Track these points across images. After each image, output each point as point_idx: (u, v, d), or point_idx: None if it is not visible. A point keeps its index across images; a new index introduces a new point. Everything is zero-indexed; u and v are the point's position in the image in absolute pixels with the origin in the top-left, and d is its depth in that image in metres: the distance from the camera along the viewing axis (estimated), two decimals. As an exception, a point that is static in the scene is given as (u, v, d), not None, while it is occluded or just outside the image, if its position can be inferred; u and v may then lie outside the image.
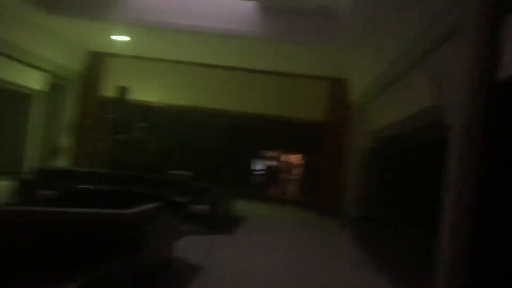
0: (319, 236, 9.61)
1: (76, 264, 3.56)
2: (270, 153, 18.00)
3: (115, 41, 12.92)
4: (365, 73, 11.95)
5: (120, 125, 12.70)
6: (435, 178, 8.38)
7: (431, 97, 6.46)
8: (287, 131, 15.85)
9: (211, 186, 9.59)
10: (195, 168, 13.21)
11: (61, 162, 13.35)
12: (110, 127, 14.16)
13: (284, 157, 20.09)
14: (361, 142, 12.92)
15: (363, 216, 12.16)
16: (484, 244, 4.52)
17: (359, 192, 12.85)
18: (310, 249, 7.82)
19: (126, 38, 12.62)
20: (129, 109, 13.73)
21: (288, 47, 12.06)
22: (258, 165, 17.86)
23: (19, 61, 11.73)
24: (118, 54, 14.56)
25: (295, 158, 20.23)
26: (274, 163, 19.88)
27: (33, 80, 12.56)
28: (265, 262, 6.49)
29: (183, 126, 14.83)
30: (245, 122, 15.56)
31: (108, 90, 14.05)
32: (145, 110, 14.09)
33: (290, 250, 7.65)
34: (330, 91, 14.88)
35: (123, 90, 11.58)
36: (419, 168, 8.99)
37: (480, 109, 4.46)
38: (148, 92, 14.32)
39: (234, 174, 15.90)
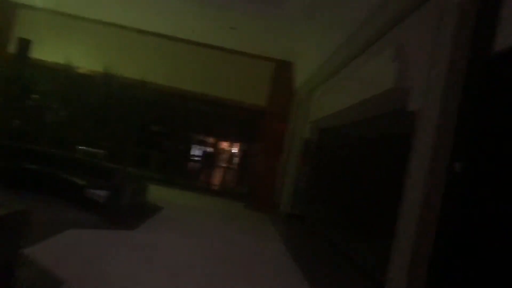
0: (240, 233, 8.28)
1: None
2: (206, 139, 16.44)
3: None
4: (312, 56, 10.72)
5: (16, 86, 10.59)
6: (379, 177, 7.35)
7: (392, 79, 5.25)
8: (226, 115, 14.42)
9: (121, 168, 7.95)
10: (113, 147, 11.44)
11: None
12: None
13: (221, 144, 18.67)
14: (301, 133, 11.74)
15: (293, 213, 11.03)
16: (446, 258, 3.37)
17: (294, 187, 11.71)
18: (220, 255, 6.44)
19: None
20: (32, 68, 11.57)
21: (233, 17, 10.55)
22: (192, 151, 16.28)
23: None
24: (27, 5, 12.40)
25: (232, 146, 18.91)
26: (210, 149, 18.43)
27: None
28: (155, 276, 5.03)
29: (101, 96, 12.92)
30: (178, 100, 13.90)
31: (11, 45, 11.89)
32: (52, 73, 11.97)
33: (198, 254, 6.24)
34: (274, 74, 13.55)
35: (25, 44, 9.41)
36: (362, 164, 7.89)
37: (457, 92, 3.25)
38: (59, 52, 12.23)
39: (163, 158, 14.28)
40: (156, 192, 11.14)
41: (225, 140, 16.87)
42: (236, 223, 9.58)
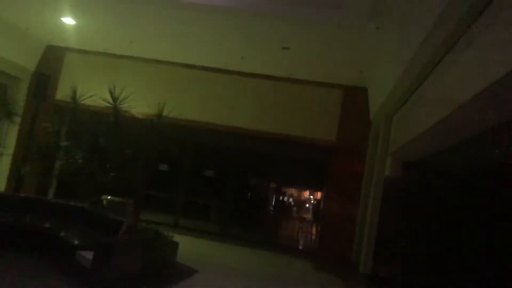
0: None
1: None
2: (270, 184, 14.34)
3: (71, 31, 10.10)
4: (388, 70, 8.44)
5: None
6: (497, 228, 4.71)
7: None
8: (289, 155, 12.30)
9: (125, 221, 5.99)
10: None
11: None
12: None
13: (290, 191, 16.45)
14: (381, 171, 9.21)
15: (375, 276, 8.34)
16: None
17: (375, 241, 9.05)
18: None
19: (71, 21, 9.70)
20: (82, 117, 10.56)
21: (288, 33, 8.73)
22: (256, 198, 14.25)
23: None
24: (76, 49, 11.73)
25: (301, 192, 16.65)
26: (281, 197, 16.28)
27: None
28: None
29: (149, 140, 11.56)
30: (233, 141, 12.13)
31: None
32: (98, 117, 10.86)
33: None
34: (344, 103, 11.33)
35: (42, 79, 8.18)
36: (468, 211, 5.28)
37: None
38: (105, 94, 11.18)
39: (223, 208, 12.38)
40: (201, 249, 9.22)
41: (291, 186, 14.64)
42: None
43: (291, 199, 16.57)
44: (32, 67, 11.48)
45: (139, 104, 11.01)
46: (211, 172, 12.23)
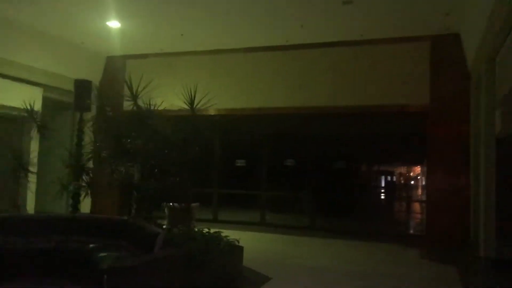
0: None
1: None
2: (362, 165, 12.80)
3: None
4: (478, 10, 6.59)
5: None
6: None
7: None
8: (377, 130, 10.72)
9: (161, 233, 5.04)
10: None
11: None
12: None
13: (392, 170, 14.70)
14: (490, 127, 7.28)
15: (502, 259, 6.53)
16: None
17: (497, 216, 7.18)
18: None
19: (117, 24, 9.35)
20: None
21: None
22: (354, 185, 12.82)
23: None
24: (135, 54, 11.48)
25: (405, 171, 14.80)
26: (382, 178, 14.62)
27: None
28: None
29: (219, 136, 10.83)
30: (311, 124, 10.92)
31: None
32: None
33: None
34: (432, 57, 9.44)
35: (83, 85, 7.63)
36: None
37: None
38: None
39: (311, 199, 11.21)
40: (284, 247, 8.24)
41: (387, 164, 12.92)
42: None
43: (391, 179, 14.81)
44: (97, 81, 11.48)
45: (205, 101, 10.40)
46: (292, 161, 11.13)
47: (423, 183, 10.73)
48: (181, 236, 5.51)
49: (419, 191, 15.07)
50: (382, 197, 13.74)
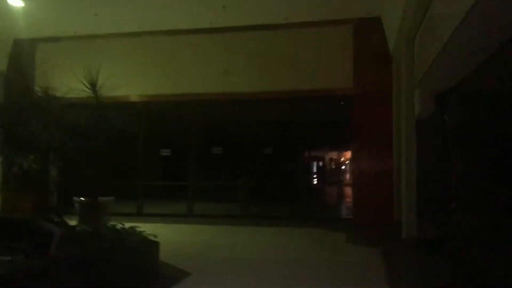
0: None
1: None
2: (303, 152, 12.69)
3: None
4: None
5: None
6: None
7: None
8: (303, 115, 10.59)
9: (56, 230, 4.50)
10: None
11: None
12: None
13: (321, 155, 14.85)
14: (410, 109, 7.37)
15: (424, 240, 6.64)
16: None
17: (419, 198, 7.31)
18: None
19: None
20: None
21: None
22: (284, 171, 12.64)
23: None
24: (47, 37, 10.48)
25: (334, 155, 14.99)
26: (312, 164, 14.70)
27: None
28: None
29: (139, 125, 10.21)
30: (238, 110, 10.63)
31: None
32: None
33: None
34: (355, 41, 9.46)
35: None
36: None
37: None
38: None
39: (242, 186, 10.91)
40: (211, 238, 7.92)
41: (315, 149, 12.95)
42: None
43: (322, 164, 14.95)
44: (3, 67, 10.34)
45: (122, 86, 9.70)
46: (220, 149, 10.75)
47: (350, 166, 10.84)
48: (86, 234, 4.96)
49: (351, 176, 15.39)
50: (314, 182, 13.75)
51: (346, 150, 13.72)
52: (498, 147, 4.23)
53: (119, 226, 5.84)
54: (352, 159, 9.87)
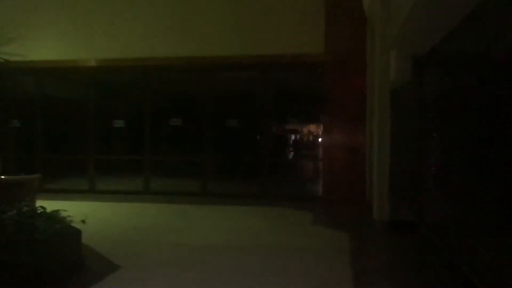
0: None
1: None
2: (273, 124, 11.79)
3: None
4: None
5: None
6: None
7: None
8: (270, 83, 9.66)
9: None
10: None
11: None
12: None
13: (291, 128, 14.04)
14: (384, 74, 6.51)
15: (396, 221, 5.96)
16: None
17: (392, 176, 6.58)
18: None
19: None
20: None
21: None
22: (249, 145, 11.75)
23: None
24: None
25: (306, 128, 14.21)
26: (280, 137, 13.86)
27: None
28: None
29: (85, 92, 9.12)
30: (196, 77, 9.61)
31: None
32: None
33: None
34: (328, 1, 8.49)
35: None
36: None
37: None
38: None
39: (203, 161, 10.01)
40: (162, 219, 7.06)
41: (284, 122, 12.08)
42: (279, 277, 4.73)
43: (295, 138, 14.18)
44: None
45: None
46: (179, 121, 9.78)
47: (321, 140, 10.02)
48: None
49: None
50: (287, 157, 12.95)
51: (318, 123, 12.84)
52: (484, 122, 3.42)
53: (40, 210, 4.90)
54: (323, 133, 9.03)
